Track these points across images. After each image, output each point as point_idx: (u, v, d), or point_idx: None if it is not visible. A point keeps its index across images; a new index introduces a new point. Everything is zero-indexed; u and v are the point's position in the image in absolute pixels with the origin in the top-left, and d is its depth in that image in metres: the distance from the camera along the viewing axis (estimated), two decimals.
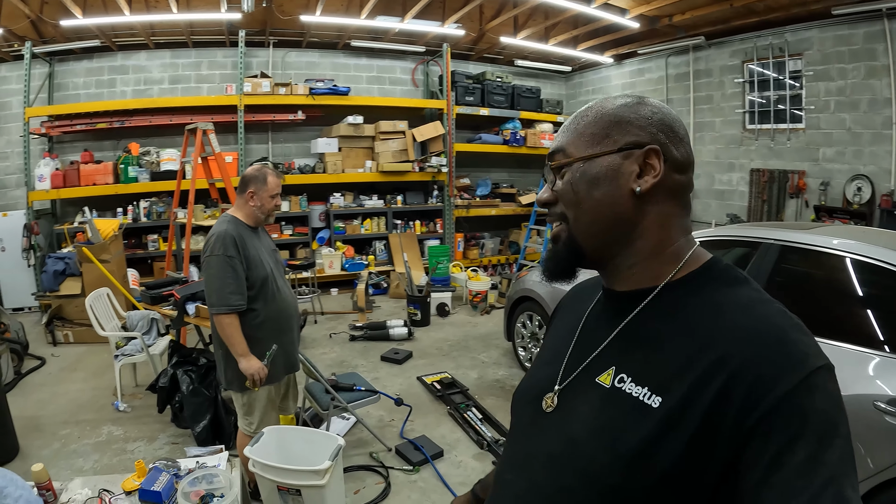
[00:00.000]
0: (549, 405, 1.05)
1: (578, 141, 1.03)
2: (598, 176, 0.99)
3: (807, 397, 0.78)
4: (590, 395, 0.98)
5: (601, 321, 1.06)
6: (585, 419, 0.96)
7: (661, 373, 0.89)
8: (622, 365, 0.96)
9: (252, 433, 3.30)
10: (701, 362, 0.85)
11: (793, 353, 0.82)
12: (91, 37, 8.40)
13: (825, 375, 0.82)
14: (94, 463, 4.11)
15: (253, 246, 3.23)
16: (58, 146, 8.89)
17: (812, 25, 7.66)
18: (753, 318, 0.88)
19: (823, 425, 0.78)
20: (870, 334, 2.92)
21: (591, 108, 1.06)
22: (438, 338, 7.16)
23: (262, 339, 3.21)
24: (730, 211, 8.98)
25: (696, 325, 0.91)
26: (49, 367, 6.06)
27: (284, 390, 3.61)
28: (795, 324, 0.88)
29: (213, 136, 6.49)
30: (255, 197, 3.27)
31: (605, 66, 11.36)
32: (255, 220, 3.33)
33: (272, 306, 3.27)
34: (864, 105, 7.26)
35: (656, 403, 0.86)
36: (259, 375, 3.11)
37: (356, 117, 9.64)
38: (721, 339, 0.86)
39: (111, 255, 6.88)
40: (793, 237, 3.47)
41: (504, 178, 12.07)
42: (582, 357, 1.04)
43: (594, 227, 1.01)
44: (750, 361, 0.81)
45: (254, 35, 9.39)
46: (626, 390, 0.92)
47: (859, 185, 7.25)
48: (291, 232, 9.69)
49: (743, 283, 0.97)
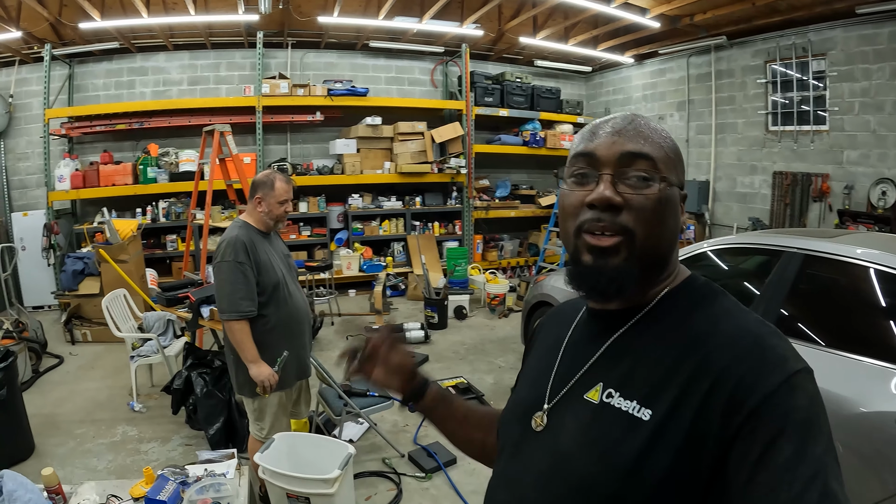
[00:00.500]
0: (539, 424, 1.05)
1: (666, 160, 0.99)
2: (674, 204, 0.99)
3: (788, 398, 0.81)
4: (579, 413, 0.99)
5: (585, 340, 1.08)
6: (576, 435, 0.97)
7: (648, 386, 0.91)
8: (610, 381, 0.98)
9: (263, 438, 3.27)
10: (685, 373, 0.88)
11: (772, 357, 0.85)
12: (110, 39, 8.48)
13: (804, 377, 0.85)
14: (108, 463, 4.13)
15: (264, 251, 3.21)
16: (78, 147, 8.98)
17: (836, 25, 7.49)
18: (732, 327, 0.92)
19: (805, 423, 0.80)
20: (893, 349, 2.82)
21: (662, 131, 1.02)
22: (455, 341, 7.12)
23: (273, 344, 3.19)
24: (752, 214, 8.84)
25: (679, 338, 0.94)
26: (67, 366, 6.12)
27: (297, 395, 3.58)
28: (773, 331, 0.91)
29: (230, 138, 6.49)
30: (263, 203, 3.25)
31: (625, 66, 11.23)
32: (264, 226, 3.31)
33: (283, 311, 3.25)
34: (889, 107, 7.09)
35: (646, 416, 0.89)
36: (269, 382, 3.09)
37: (374, 118, 9.62)
38: (702, 349, 0.89)
39: (129, 255, 6.92)
40: (816, 246, 3.36)
41: (523, 180, 12.01)
42: (568, 376, 1.05)
43: (659, 251, 0.99)
44: (731, 368, 0.85)
45: (272, 36, 9.42)
46: (615, 405, 0.94)
47: (884, 189, 7.08)
48: (309, 233, 9.69)
49: (721, 296, 1.00)
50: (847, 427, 2.70)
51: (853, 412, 2.69)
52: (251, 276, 3.09)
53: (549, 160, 11.16)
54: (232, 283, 3.07)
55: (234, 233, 3.16)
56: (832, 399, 2.76)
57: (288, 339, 3.27)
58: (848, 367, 2.83)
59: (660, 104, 10.61)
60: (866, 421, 2.64)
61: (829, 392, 2.78)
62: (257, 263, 3.13)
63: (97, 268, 6.95)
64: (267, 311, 3.19)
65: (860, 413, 2.67)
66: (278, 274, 3.23)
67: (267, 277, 3.17)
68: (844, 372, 2.83)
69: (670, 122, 10.32)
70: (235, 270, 3.06)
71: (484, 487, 1.17)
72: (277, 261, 3.30)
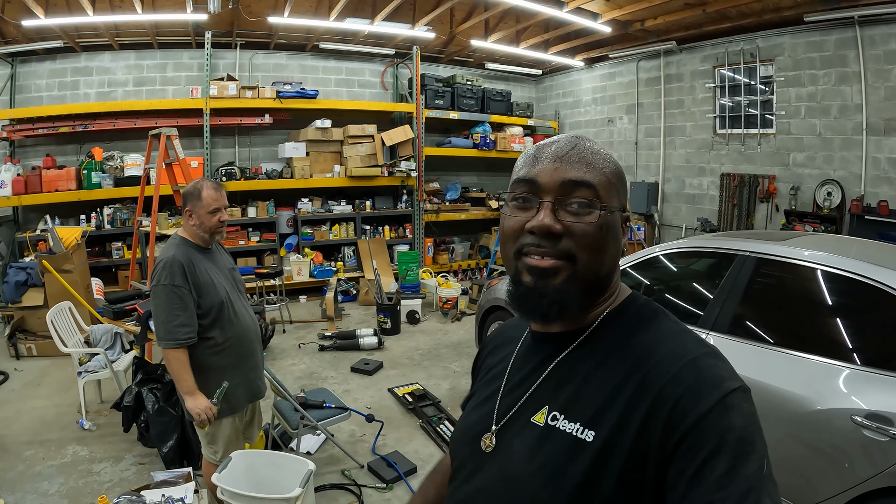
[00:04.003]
0: (489, 445, 1.08)
1: (608, 186, 1.02)
2: (616, 228, 1.02)
3: (723, 417, 0.84)
4: (526, 436, 1.02)
5: (530, 362, 1.11)
6: (523, 458, 0.99)
7: (591, 407, 0.95)
8: (554, 403, 1.01)
9: (217, 461, 3.17)
10: (626, 395, 0.92)
11: (708, 377, 0.88)
12: (54, 37, 8.19)
13: (740, 396, 0.88)
14: (59, 486, 4.00)
15: (204, 270, 3.05)
16: (20, 151, 8.66)
17: (784, 31, 7.78)
18: (671, 348, 0.95)
19: (740, 442, 0.83)
20: (842, 347, 2.98)
21: (605, 155, 1.04)
22: (409, 346, 7.14)
23: (221, 367, 3.07)
24: (700, 215, 9.11)
25: (620, 360, 0.97)
26: (12, 383, 5.90)
27: (249, 417, 3.49)
28: (711, 351, 0.95)
29: (177, 142, 6.39)
30: (193, 215, 3.08)
31: (576, 69, 11.41)
32: (201, 240, 3.14)
33: (230, 332, 3.11)
34: (835, 111, 7.40)
35: (590, 437, 0.92)
36: (206, 415, 2.95)
37: (324, 121, 9.54)
38: (642, 369, 0.93)
39: (74, 264, 6.72)
40: (767, 249, 3.50)
41: (474, 182, 12.11)
42: (515, 398, 1.08)
43: (600, 274, 1.02)
44: (668, 389, 0.88)
45: (220, 36, 9.26)
46: (560, 427, 0.97)
47: (829, 190, 7.38)
48: (259, 238, 9.57)
49: (662, 316, 1.04)
50: (804, 424, 2.86)
51: (809, 409, 2.83)
52: (189, 300, 2.94)
53: (500, 162, 11.27)
54: (167, 309, 2.91)
55: (170, 252, 3.00)
56: (789, 398, 2.92)
57: (236, 360, 3.16)
58: (801, 366, 2.98)
59: (609, 107, 10.80)
60: (822, 418, 2.78)
61: (785, 391, 2.95)
62: (196, 286, 2.98)
63: (41, 278, 6.73)
64: (212, 334, 3.05)
65: (816, 410, 2.81)
66: (221, 294, 3.08)
67: (209, 299, 3.02)
68: (798, 371, 2.97)
69: (619, 125, 10.54)
70: (172, 295, 2.90)
71: None
72: (220, 278, 3.15)
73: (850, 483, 2.66)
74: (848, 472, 2.69)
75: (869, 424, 2.60)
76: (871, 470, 2.60)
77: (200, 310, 3.00)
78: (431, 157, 10.68)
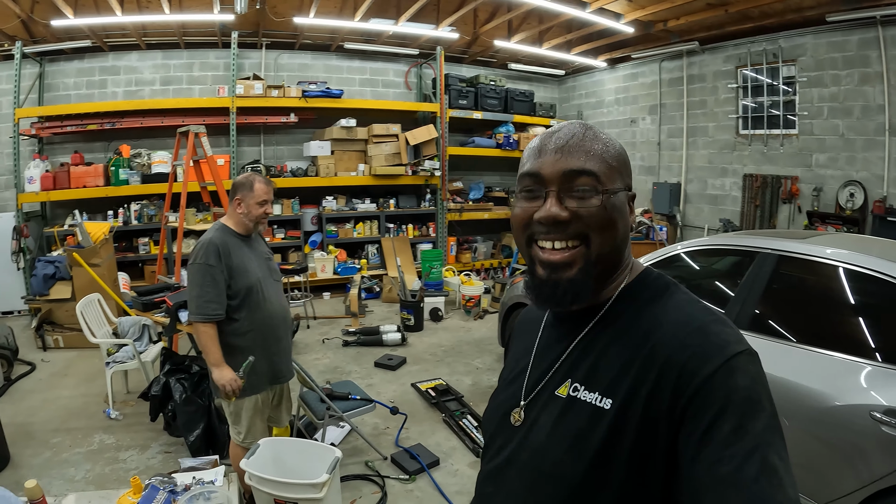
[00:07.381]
0: (518, 419, 1.14)
1: (609, 171, 1.06)
2: (621, 207, 1.07)
3: (728, 378, 0.88)
4: (551, 408, 1.08)
5: (553, 341, 1.17)
6: (549, 429, 1.06)
7: (608, 377, 1.00)
8: (576, 376, 1.07)
9: (241, 442, 3.28)
10: (638, 361, 0.97)
11: (714, 342, 0.93)
12: (82, 37, 8.31)
13: (746, 358, 0.92)
14: (85, 472, 4.05)
15: (239, 255, 3.21)
16: (48, 148, 8.78)
17: (806, 32, 7.69)
18: (678, 317, 1.01)
19: (746, 401, 0.86)
20: (863, 344, 2.96)
21: (605, 140, 1.09)
22: (432, 343, 7.14)
23: (245, 348, 3.19)
24: (722, 216, 9.01)
25: (634, 329, 1.03)
26: (39, 373, 5.99)
27: (277, 401, 3.57)
28: (717, 318, 1.00)
29: (205, 140, 6.43)
30: (242, 204, 3.27)
31: (598, 69, 11.36)
32: (244, 228, 3.32)
33: (257, 315, 3.25)
34: (857, 111, 7.29)
35: (608, 405, 0.97)
36: (231, 387, 3.06)
37: (349, 120, 9.58)
38: (653, 338, 0.98)
39: (101, 258, 6.81)
40: (789, 247, 3.48)
41: (497, 182, 12.07)
42: (541, 374, 1.14)
43: (611, 253, 1.07)
44: (676, 353, 0.93)
45: (246, 36, 9.33)
46: (581, 398, 1.03)
47: (852, 192, 7.28)
48: (283, 235, 9.64)
49: (673, 288, 1.10)
50: (822, 420, 2.82)
51: (828, 406, 2.80)
52: (221, 279, 3.11)
53: None
54: (200, 285, 3.09)
55: (209, 236, 3.19)
56: (808, 394, 2.88)
57: (261, 343, 3.27)
58: (821, 363, 2.96)
59: (632, 108, 10.74)
60: (841, 414, 2.75)
61: (805, 386, 2.92)
62: (229, 267, 3.14)
63: (69, 272, 6.82)
64: (239, 315, 3.20)
65: (834, 406, 2.78)
66: (252, 278, 3.22)
67: (239, 281, 3.17)
68: (818, 367, 2.95)
69: (642, 125, 10.47)
70: (205, 273, 3.08)
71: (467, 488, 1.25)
72: (255, 264, 3.29)
73: (868, 479, 2.63)
74: (865, 468, 2.67)
75: (888, 420, 2.57)
76: (888, 466, 2.57)
77: (231, 290, 3.16)
78: (455, 157, 10.67)
